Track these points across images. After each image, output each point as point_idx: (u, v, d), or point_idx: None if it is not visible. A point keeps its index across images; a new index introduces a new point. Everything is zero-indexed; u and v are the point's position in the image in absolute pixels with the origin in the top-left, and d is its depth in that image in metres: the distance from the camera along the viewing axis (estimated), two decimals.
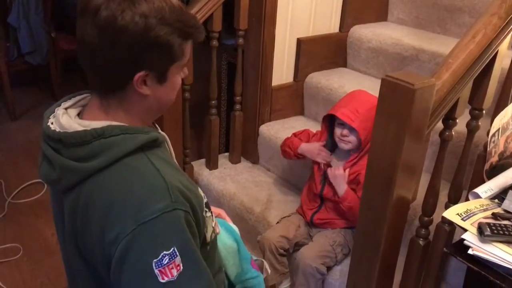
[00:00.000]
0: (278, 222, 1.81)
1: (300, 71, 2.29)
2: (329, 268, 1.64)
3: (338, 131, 1.67)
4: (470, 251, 1.05)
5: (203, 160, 2.32)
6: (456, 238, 1.36)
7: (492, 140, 1.34)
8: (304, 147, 1.78)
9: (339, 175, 1.63)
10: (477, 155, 1.54)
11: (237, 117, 2.23)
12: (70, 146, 0.87)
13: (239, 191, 2.09)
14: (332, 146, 1.75)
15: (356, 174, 1.63)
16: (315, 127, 2.24)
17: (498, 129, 1.33)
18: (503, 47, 1.29)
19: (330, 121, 1.74)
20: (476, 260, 1.05)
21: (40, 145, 0.95)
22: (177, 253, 0.84)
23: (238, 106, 2.22)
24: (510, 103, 1.34)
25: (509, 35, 1.29)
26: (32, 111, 3.51)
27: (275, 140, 2.17)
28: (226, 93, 2.69)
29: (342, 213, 1.67)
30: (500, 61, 1.30)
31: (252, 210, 1.99)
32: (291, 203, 2.00)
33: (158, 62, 0.89)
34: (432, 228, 1.43)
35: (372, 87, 1.76)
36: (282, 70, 2.25)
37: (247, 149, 2.33)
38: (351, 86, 2.08)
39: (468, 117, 1.36)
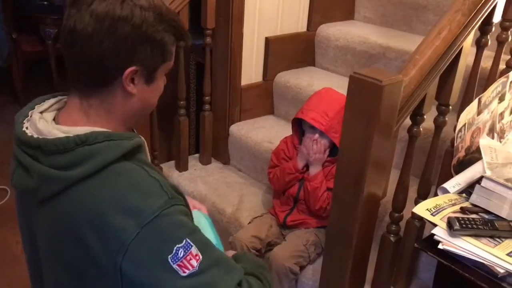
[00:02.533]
0: (250, 223, 1.79)
1: (269, 71, 2.28)
2: (302, 268, 1.63)
3: (309, 137, 1.65)
4: (440, 246, 1.06)
5: (172, 162, 2.28)
6: (426, 233, 1.38)
7: (459, 135, 1.36)
8: (300, 160, 1.70)
9: (320, 157, 1.62)
10: (444, 151, 1.56)
11: (206, 117, 2.20)
12: (50, 154, 0.83)
13: (210, 193, 2.07)
14: None
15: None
16: (285, 126, 2.24)
17: (464, 125, 1.34)
18: (467, 43, 1.31)
19: (299, 121, 1.73)
20: (446, 255, 1.06)
21: (11, 151, 0.89)
22: (191, 243, 0.82)
23: (207, 106, 2.19)
24: (475, 99, 1.36)
25: (473, 32, 1.31)
26: None
27: (245, 140, 2.16)
28: (195, 93, 2.66)
29: (314, 211, 1.66)
30: (464, 58, 1.32)
31: (224, 211, 1.96)
32: (263, 203, 1.99)
33: (150, 58, 0.87)
34: (402, 224, 1.44)
35: (340, 85, 1.76)
36: (251, 70, 2.24)
37: (217, 149, 2.30)
38: (320, 84, 2.08)
39: (435, 114, 1.37)
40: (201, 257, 0.82)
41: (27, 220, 0.97)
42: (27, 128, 0.88)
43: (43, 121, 0.88)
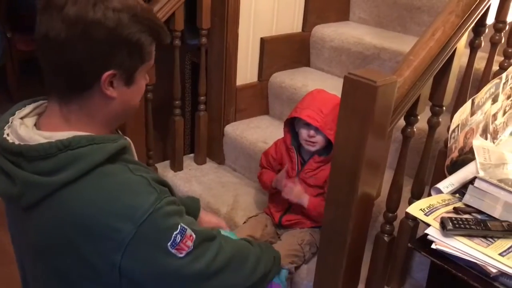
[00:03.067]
0: (245, 222, 1.79)
1: (264, 71, 2.28)
2: (297, 267, 1.64)
3: (304, 132, 1.64)
4: (433, 246, 1.07)
5: (167, 162, 2.28)
6: (420, 233, 1.39)
7: (452, 136, 1.37)
8: (276, 182, 1.70)
9: (296, 191, 1.62)
10: (438, 151, 1.57)
11: (201, 117, 2.20)
12: (32, 160, 0.83)
13: (205, 193, 2.07)
14: (298, 148, 1.74)
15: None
16: (280, 126, 2.23)
17: (458, 125, 1.35)
18: (461, 44, 1.32)
19: (291, 123, 1.73)
20: (440, 254, 1.07)
21: None
22: (185, 226, 0.88)
23: (202, 106, 2.19)
24: (468, 100, 1.37)
25: (466, 33, 1.32)
26: None
27: (240, 140, 2.16)
28: (190, 93, 2.66)
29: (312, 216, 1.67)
30: (458, 59, 1.33)
31: (219, 211, 1.96)
32: (258, 203, 1.99)
33: (128, 61, 0.86)
34: (396, 224, 1.45)
35: (335, 86, 1.77)
36: (246, 70, 2.24)
37: (212, 149, 2.30)
38: (315, 85, 2.09)
39: (429, 114, 1.38)
40: (194, 236, 0.89)
41: (16, 226, 0.97)
42: (8, 134, 0.87)
43: (24, 127, 0.87)
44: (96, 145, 0.84)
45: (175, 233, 0.86)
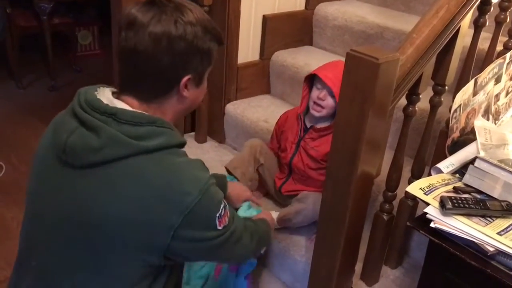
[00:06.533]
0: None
1: (266, 49, 2.26)
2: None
3: (315, 93, 1.60)
4: (432, 225, 1.07)
5: None
6: (419, 213, 1.39)
7: (454, 116, 1.36)
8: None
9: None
10: (439, 131, 1.57)
11: None
12: (122, 123, 0.94)
13: None
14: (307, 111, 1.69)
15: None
16: (281, 105, 2.24)
17: (460, 105, 1.35)
18: (465, 23, 1.30)
19: (310, 85, 1.67)
20: (438, 233, 1.07)
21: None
22: (225, 203, 1.05)
23: None
24: (471, 79, 1.36)
25: (471, 11, 1.30)
26: None
27: (241, 119, 2.15)
28: None
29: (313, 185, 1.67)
30: (462, 38, 1.32)
31: None
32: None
33: (200, 66, 1.03)
34: (395, 203, 1.46)
35: None
36: (248, 48, 2.22)
37: (213, 128, 2.30)
38: (317, 64, 2.06)
39: (430, 94, 1.37)
40: (228, 213, 1.05)
41: (45, 192, 1.02)
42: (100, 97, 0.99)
43: (115, 99, 1.00)
44: (174, 132, 1.01)
45: (221, 205, 1.02)
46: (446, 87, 1.36)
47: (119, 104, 0.98)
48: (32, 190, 1.07)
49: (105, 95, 1.01)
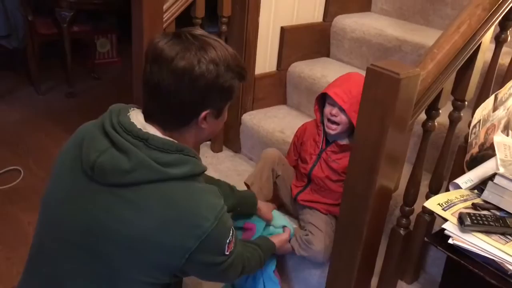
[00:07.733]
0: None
1: (283, 60, 2.28)
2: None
3: (328, 109, 1.61)
4: (450, 241, 1.06)
5: None
6: (436, 228, 1.38)
7: (473, 131, 1.35)
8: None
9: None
10: (458, 146, 1.56)
11: None
12: (152, 149, 0.98)
13: None
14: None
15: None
16: (297, 116, 2.24)
17: (479, 121, 1.34)
18: (486, 39, 1.30)
19: (322, 103, 1.68)
20: (456, 250, 1.06)
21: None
22: (233, 229, 1.09)
23: None
24: (491, 95, 1.35)
25: (493, 27, 1.30)
26: (7, 97, 3.41)
27: (257, 129, 2.16)
28: None
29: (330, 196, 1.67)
30: (483, 53, 1.31)
31: None
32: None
33: (219, 101, 1.06)
34: (412, 218, 1.44)
35: None
36: (266, 59, 2.24)
37: (229, 138, 2.31)
38: (334, 76, 2.06)
39: (449, 110, 1.37)
40: (234, 240, 1.08)
41: (70, 204, 1.03)
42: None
43: (147, 124, 1.04)
44: (197, 160, 1.06)
45: (231, 232, 1.06)
46: (466, 103, 1.35)
47: (151, 130, 1.02)
48: (51, 197, 1.08)
49: (139, 119, 1.04)
